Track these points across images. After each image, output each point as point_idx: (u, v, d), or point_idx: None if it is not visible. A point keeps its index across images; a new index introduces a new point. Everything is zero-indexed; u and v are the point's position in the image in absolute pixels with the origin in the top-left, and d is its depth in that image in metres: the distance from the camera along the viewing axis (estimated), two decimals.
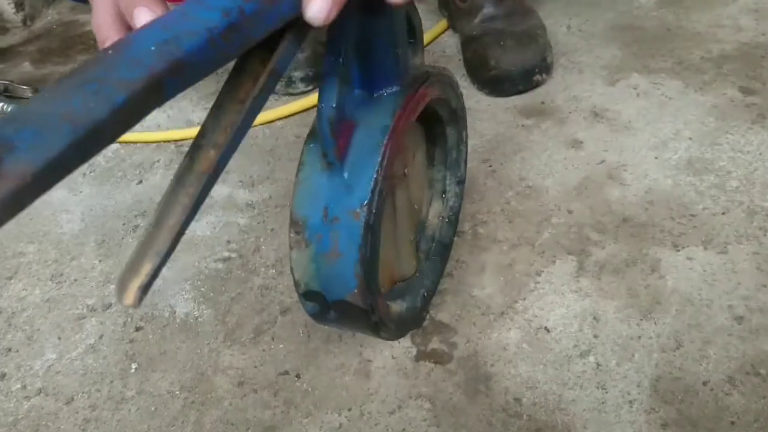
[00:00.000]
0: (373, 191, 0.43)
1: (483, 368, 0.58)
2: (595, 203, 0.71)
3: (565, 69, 0.91)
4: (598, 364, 0.56)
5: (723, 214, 0.67)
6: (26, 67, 1.18)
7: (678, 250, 0.64)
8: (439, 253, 0.62)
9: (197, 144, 0.33)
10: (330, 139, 0.42)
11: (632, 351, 0.57)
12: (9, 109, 1.00)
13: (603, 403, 0.54)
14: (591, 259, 0.65)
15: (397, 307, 0.56)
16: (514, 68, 0.85)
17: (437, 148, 0.59)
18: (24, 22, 1.31)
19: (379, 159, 0.43)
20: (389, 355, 0.60)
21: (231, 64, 0.35)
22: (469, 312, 0.62)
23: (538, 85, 0.87)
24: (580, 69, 0.90)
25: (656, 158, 0.75)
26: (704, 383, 0.53)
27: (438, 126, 0.57)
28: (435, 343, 0.60)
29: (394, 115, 0.45)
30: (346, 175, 0.44)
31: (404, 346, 0.61)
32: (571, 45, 0.96)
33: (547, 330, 0.60)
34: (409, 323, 0.58)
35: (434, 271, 0.61)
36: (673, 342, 0.57)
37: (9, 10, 1.27)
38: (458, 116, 0.55)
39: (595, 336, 0.58)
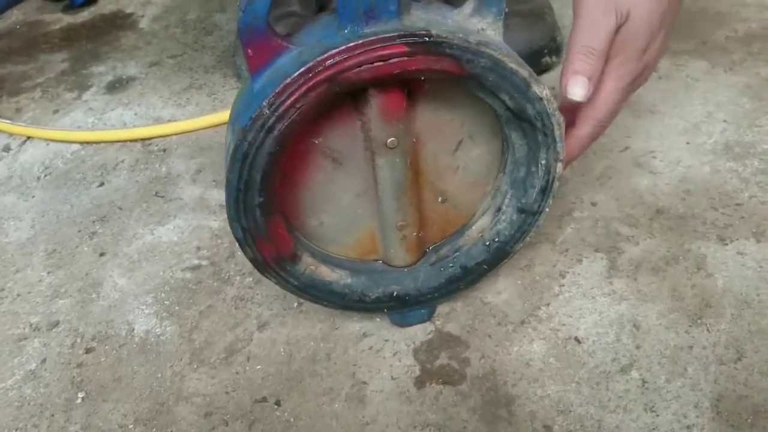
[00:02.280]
0: (253, 120, 0.39)
1: (503, 389, 0.47)
2: (623, 194, 0.61)
3: None
4: (644, 381, 0.46)
5: None
6: None
7: (726, 244, 0.55)
8: (450, 269, 0.50)
9: None
10: (239, 41, 0.39)
11: (684, 364, 0.47)
12: None
13: (654, 429, 0.43)
14: (624, 256, 0.55)
15: (331, 274, 0.49)
16: (521, 49, 0.74)
17: (508, 155, 0.47)
18: None
19: (273, 92, 0.38)
20: (388, 376, 0.50)
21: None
22: (483, 322, 0.52)
23: (547, 68, 0.78)
24: None
25: (688, 143, 0.65)
26: None
27: (502, 125, 0.45)
28: (443, 360, 0.50)
29: (321, 56, 0.37)
30: (254, 89, 0.40)
31: (406, 365, 0.50)
32: None
33: (578, 341, 0.50)
34: (341, 302, 0.50)
35: (429, 282, 0.51)
36: (733, 352, 0.47)
37: None
38: (528, 125, 0.43)
39: (637, 347, 0.48)
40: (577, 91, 0.44)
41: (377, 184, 0.45)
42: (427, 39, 0.38)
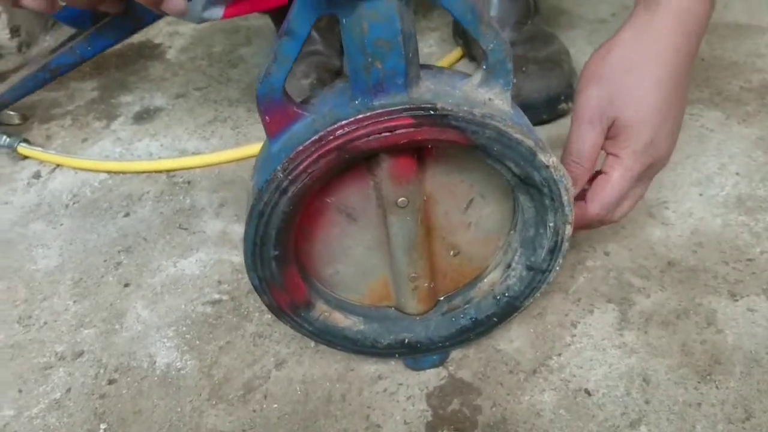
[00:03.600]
0: (269, 182, 0.41)
1: None
2: (635, 244, 0.62)
3: None
4: None
5: None
6: None
7: (736, 300, 0.56)
8: (461, 320, 0.52)
9: None
10: (259, 107, 0.41)
11: (692, 421, 0.48)
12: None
13: None
14: (635, 308, 0.56)
15: (344, 320, 0.51)
16: (538, 95, 0.78)
17: (517, 213, 0.49)
18: (19, 48, 1.26)
19: (287, 157, 0.40)
20: (401, 420, 0.51)
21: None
22: (495, 369, 0.54)
23: (563, 114, 0.80)
24: None
25: (701, 195, 0.67)
26: None
27: (512, 187, 0.47)
28: (455, 405, 0.51)
29: (332, 125, 0.40)
30: (272, 152, 0.43)
31: (419, 409, 0.52)
32: None
33: (589, 393, 0.51)
34: (354, 347, 0.53)
35: (440, 331, 0.52)
36: (741, 411, 0.48)
37: (3, 36, 1.22)
38: (536, 190, 0.45)
39: (647, 401, 0.49)
40: None
41: (389, 238, 0.47)
42: (432, 112, 0.39)
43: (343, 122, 0.40)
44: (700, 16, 0.48)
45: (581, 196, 0.51)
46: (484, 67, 0.41)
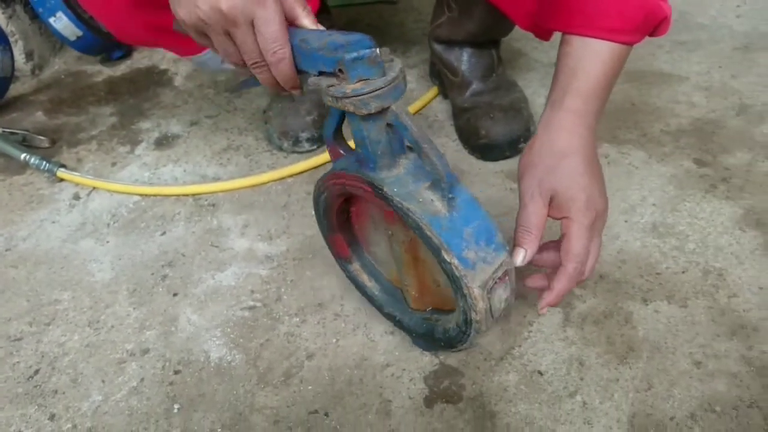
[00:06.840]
0: (318, 185, 0.66)
1: (488, 407, 0.68)
2: None
3: None
4: (585, 403, 0.67)
5: (683, 273, 0.79)
6: (39, 116, 1.24)
7: (647, 304, 0.76)
8: (428, 329, 0.69)
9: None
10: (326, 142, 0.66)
11: (612, 391, 0.68)
12: (31, 160, 1.06)
13: None
14: (575, 311, 0.76)
15: (368, 282, 0.74)
16: (502, 137, 0.97)
17: None
18: (32, 71, 1.37)
19: (326, 176, 0.64)
20: (407, 396, 0.70)
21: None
22: (474, 357, 0.72)
23: (522, 151, 0.99)
24: None
25: (626, 222, 0.87)
26: (671, 419, 0.65)
27: None
28: (446, 384, 0.70)
29: (336, 170, 0.62)
30: (333, 167, 0.64)
31: (419, 388, 0.70)
32: None
33: (541, 373, 0.70)
34: (368, 300, 0.75)
35: (415, 326, 0.70)
36: (645, 384, 0.68)
37: (20, 59, 1.33)
38: (448, 276, 0.58)
39: (581, 378, 0.69)
40: (517, 259, 0.62)
41: (392, 254, 0.67)
42: (379, 191, 0.57)
43: (338, 171, 0.62)
44: (595, 112, 0.65)
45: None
46: (431, 180, 0.57)
